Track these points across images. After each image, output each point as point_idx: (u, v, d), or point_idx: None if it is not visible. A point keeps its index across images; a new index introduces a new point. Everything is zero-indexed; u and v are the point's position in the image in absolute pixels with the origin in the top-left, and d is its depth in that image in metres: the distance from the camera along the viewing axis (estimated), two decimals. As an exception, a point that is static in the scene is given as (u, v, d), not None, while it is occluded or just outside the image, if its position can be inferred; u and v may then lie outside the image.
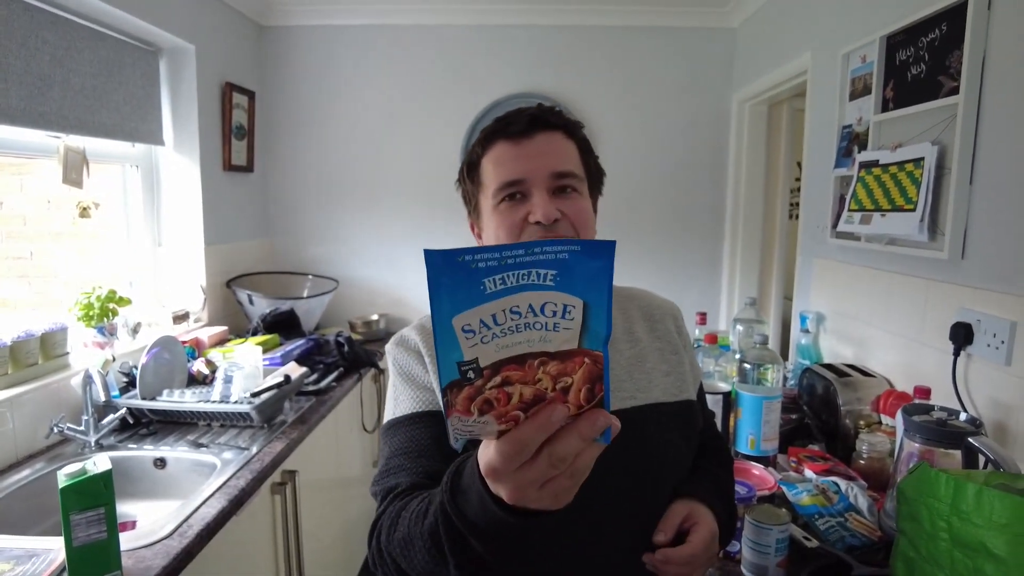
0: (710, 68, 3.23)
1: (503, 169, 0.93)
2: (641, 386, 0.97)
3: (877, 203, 1.77)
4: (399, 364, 0.98)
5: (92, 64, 2.17)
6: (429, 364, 0.95)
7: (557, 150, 0.95)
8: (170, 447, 1.86)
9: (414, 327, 1.02)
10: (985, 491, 0.73)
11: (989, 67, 1.43)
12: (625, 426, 0.92)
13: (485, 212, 0.97)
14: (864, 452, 1.53)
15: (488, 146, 0.97)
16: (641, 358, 1.01)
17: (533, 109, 0.96)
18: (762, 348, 1.55)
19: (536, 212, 0.90)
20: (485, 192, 0.96)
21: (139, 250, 2.66)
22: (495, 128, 0.96)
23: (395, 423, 0.94)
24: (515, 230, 0.92)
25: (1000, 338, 1.37)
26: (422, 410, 0.92)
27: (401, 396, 0.96)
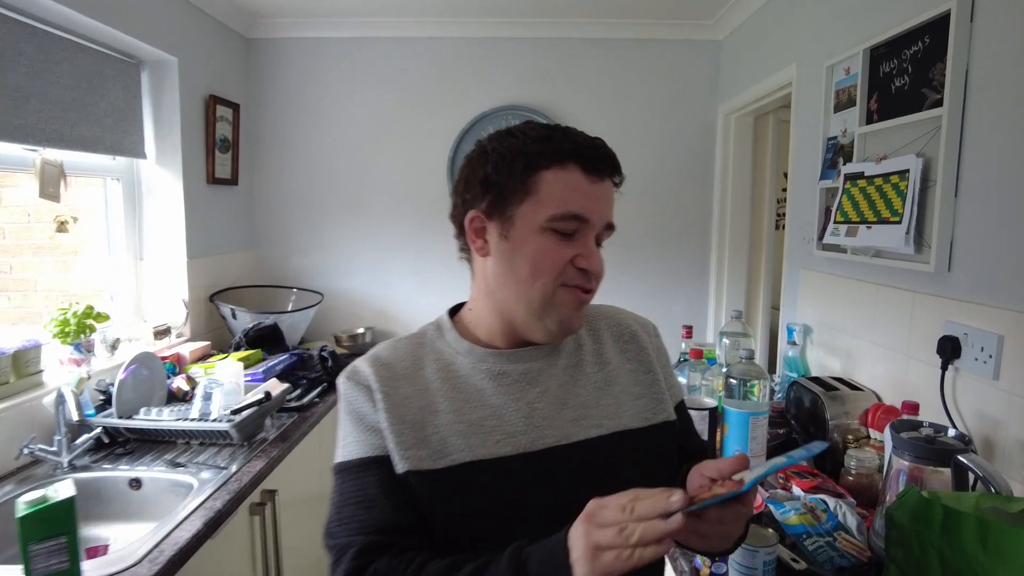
0: (696, 80, 3.23)
1: (574, 199, 0.86)
2: (609, 412, 0.93)
3: (863, 215, 1.75)
4: (348, 400, 0.92)
5: (71, 77, 2.14)
6: (380, 400, 0.89)
7: (612, 201, 0.93)
8: (146, 467, 1.81)
9: (368, 358, 0.95)
10: (979, 519, 0.70)
11: (972, 79, 1.42)
12: (591, 457, 0.90)
13: (523, 225, 0.87)
14: (852, 468, 1.51)
15: (560, 162, 0.87)
16: (610, 381, 0.97)
17: (611, 152, 0.91)
18: (748, 363, 1.53)
19: (591, 260, 0.88)
20: (536, 205, 0.86)
21: (120, 264, 2.61)
22: (576, 152, 0.87)
23: (344, 468, 0.89)
24: (558, 268, 0.87)
25: (988, 352, 1.35)
26: (370, 455, 0.88)
27: (349, 438, 0.91)
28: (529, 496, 0.86)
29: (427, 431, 0.87)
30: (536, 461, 0.87)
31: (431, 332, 0.99)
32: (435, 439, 0.87)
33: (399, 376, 0.92)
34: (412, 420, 0.88)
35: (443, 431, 0.87)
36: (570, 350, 0.98)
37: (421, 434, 0.87)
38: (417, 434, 0.87)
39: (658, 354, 1.05)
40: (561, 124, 0.94)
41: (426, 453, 0.86)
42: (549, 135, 0.89)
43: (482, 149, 0.92)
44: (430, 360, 0.94)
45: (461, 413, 0.89)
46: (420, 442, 0.86)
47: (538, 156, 0.87)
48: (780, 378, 2.17)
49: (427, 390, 0.91)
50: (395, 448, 0.86)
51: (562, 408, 0.91)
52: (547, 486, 0.87)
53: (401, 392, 0.90)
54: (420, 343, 0.97)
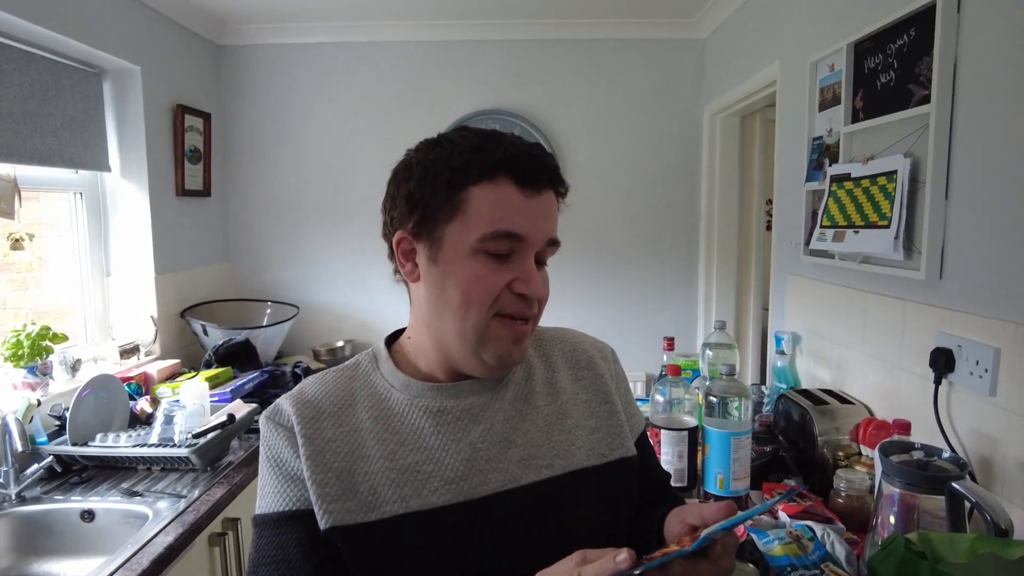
0: (680, 81, 3.14)
1: (506, 217, 0.77)
2: (561, 451, 0.84)
3: (850, 219, 1.67)
4: (267, 444, 0.82)
5: (23, 87, 2.05)
6: (302, 446, 0.79)
7: (554, 215, 0.84)
8: (100, 497, 1.72)
9: (292, 395, 0.85)
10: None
11: (961, 74, 1.33)
12: (540, 501, 0.80)
13: (453, 248, 0.78)
14: (842, 490, 1.42)
15: (491, 176, 0.77)
16: (563, 414, 0.87)
17: (550, 160, 0.82)
18: (728, 380, 1.43)
19: (529, 285, 0.78)
20: (464, 225, 0.77)
21: (86, 281, 2.52)
22: (506, 161, 0.78)
23: (263, 522, 0.80)
24: (492, 296, 0.78)
25: (984, 366, 1.26)
26: (289, 509, 0.78)
27: (267, 488, 0.81)
28: (470, 549, 0.77)
29: (356, 479, 0.77)
30: (478, 509, 0.78)
31: (365, 364, 0.89)
32: (364, 488, 0.77)
33: (324, 416, 0.81)
34: (338, 467, 0.78)
35: (373, 479, 0.77)
36: (518, 380, 0.88)
37: (349, 483, 0.77)
38: (344, 484, 0.77)
39: (617, 381, 0.96)
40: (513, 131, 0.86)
41: (354, 505, 0.76)
42: (478, 144, 0.79)
43: (407, 162, 0.83)
44: (362, 396, 0.84)
45: (394, 458, 0.79)
46: (347, 493, 0.77)
47: (465, 169, 0.77)
48: (769, 389, 2.08)
49: (356, 431, 0.81)
50: (318, 501, 0.76)
51: (508, 448, 0.82)
52: (491, 537, 0.77)
53: (326, 435, 0.80)
54: (352, 376, 0.87)
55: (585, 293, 3.22)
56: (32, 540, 1.66)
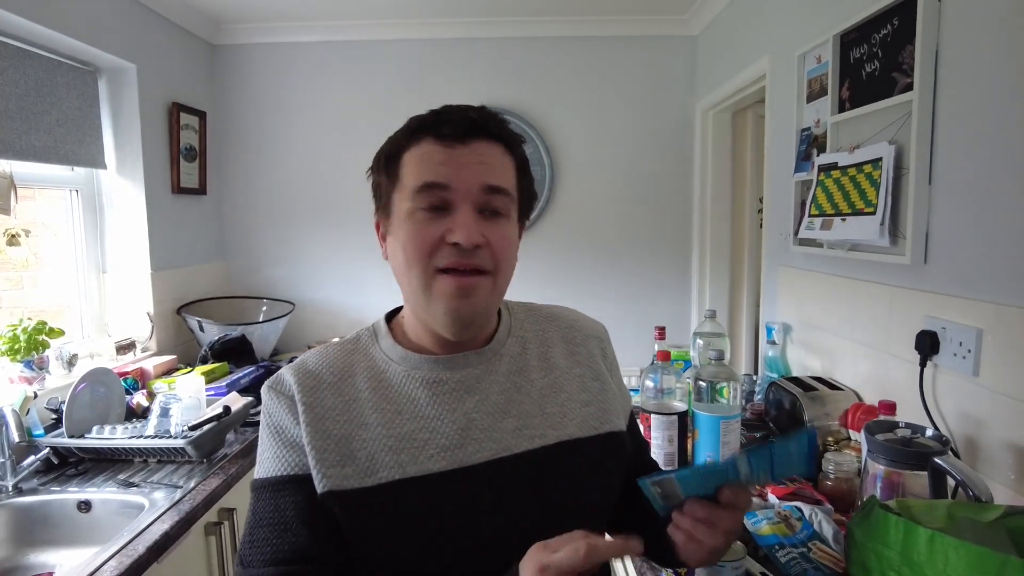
0: (672, 77, 3.17)
1: (427, 169, 0.79)
2: (553, 422, 0.87)
3: (837, 207, 1.69)
4: (268, 412, 0.85)
5: (18, 84, 2.06)
6: (302, 413, 0.81)
7: (493, 162, 0.82)
8: (97, 488, 1.73)
9: (293, 366, 0.88)
10: (938, 538, 0.63)
11: (943, 61, 1.35)
12: (532, 469, 0.83)
13: (397, 215, 0.83)
14: (831, 472, 1.43)
15: (414, 140, 0.82)
16: (556, 387, 0.90)
17: (474, 111, 0.83)
18: (717, 364, 1.45)
19: (457, 232, 0.78)
20: (401, 190, 0.82)
21: (82, 277, 2.53)
22: (427, 122, 0.82)
23: (261, 485, 0.83)
24: (426, 249, 0.79)
25: (967, 347, 1.28)
26: (288, 474, 0.81)
27: (267, 453, 0.84)
28: (464, 514, 0.79)
29: (354, 446, 0.80)
30: (471, 476, 0.80)
31: (366, 338, 0.92)
32: (362, 455, 0.79)
33: (324, 386, 0.84)
34: (337, 434, 0.80)
35: (371, 446, 0.80)
36: (513, 354, 0.91)
37: (347, 450, 0.80)
38: (342, 450, 0.80)
39: (609, 360, 0.99)
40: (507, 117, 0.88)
41: (352, 470, 0.79)
42: (418, 116, 0.84)
43: (388, 141, 0.87)
44: (361, 368, 0.87)
45: (391, 426, 0.82)
46: (345, 458, 0.79)
47: (399, 142, 0.84)
48: (761, 379, 2.10)
49: (355, 401, 0.83)
50: (316, 465, 0.79)
51: (502, 418, 0.85)
52: (483, 503, 0.80)
53: (325, 404, 0.82)
54: (352, 350, 0.90)
55: (579, 288, 3.24)
56: (29, 531, 1.67)
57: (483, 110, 0.84)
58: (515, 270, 0.88)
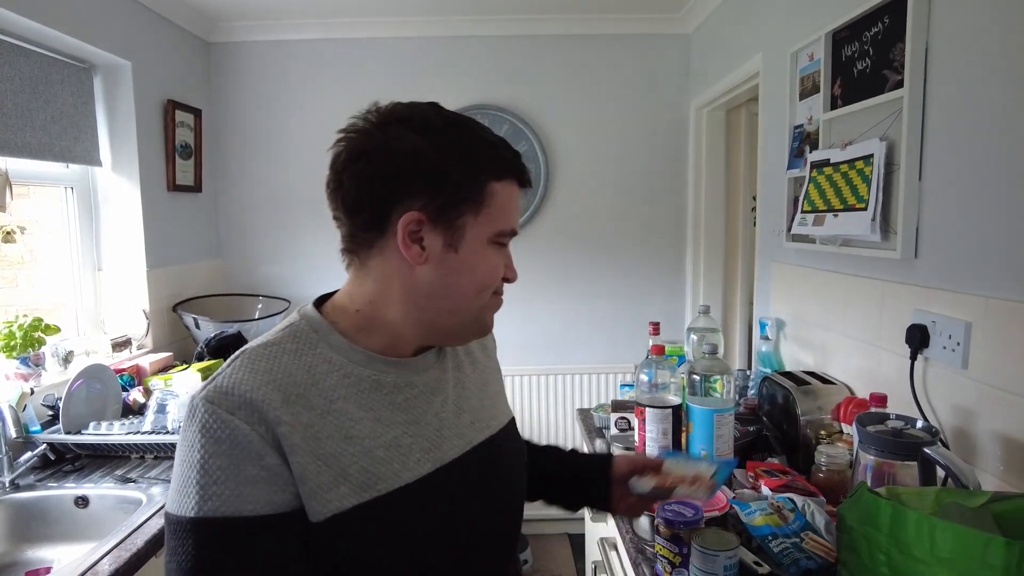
0: (666, 75, 3.19)
1: (512, 216, 0.85)
2: (491, 412, 0.96)
3: (829, 203, 1.71)
4: (219, 441, 0.70)
5: (13, 81, 2.06)
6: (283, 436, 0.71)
7: None
8: (94, 484, 1.74)
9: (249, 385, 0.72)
10: (925, 520, 0.64)
11: (932, 58, 1.37)
12: (487, 457, 0.90)
13: (471, 238, 0.80)
14: (823, 464, 1.45)
15: (503, 176, 0.81)
16: (483, 381, 0.99)
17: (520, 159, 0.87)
18: (711, 358, 1.47)
19: (513, 272, 0.89)
20: (485, 219, 0.80)
21: (78, 275, 2.53)
22: (514, 165, 0.83)
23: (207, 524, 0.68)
24: (498, 280, 0.86)
25: (956, 340, 1.30)
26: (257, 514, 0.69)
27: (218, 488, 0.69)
28: (450, 510, 0.83)
29: (344, 462, 0.74)
30: (449, 472, 0.84)
31: (306, 336, 0.80)
32: (354, 470, 0.75)
33: (293, 400, 0.74)
34: (324, 453, 0.74)
35: (362, 459, 0.76)
36: (448, 352, 0.94)
37: (338, 468, 0.74)
38: (333, 470, 0.73)
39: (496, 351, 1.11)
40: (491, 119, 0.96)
41: (347, 489, 0.74)
42: (492, 142, 0.82)
43: (432, 136, 0.79)
44: (323, 374, 0.78)
45: (375, 436, 0.78)
46: (339, 478, 0.74)
47: (490, 164, 0.80)
48: (754, 373, 2.12)
49: (329, 412, 0.76)
50: (313, 493, 0.72)
51: (460, 414, 0.90)
52: (463, 495, 0.85)
53: (303, 420, 0.73)
54: (299, 352, 0.78)
55: (574, 284, 3.26)
56: (26, 526, 1.68)
57: None
58: None
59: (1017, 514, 0.73)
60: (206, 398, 0.71)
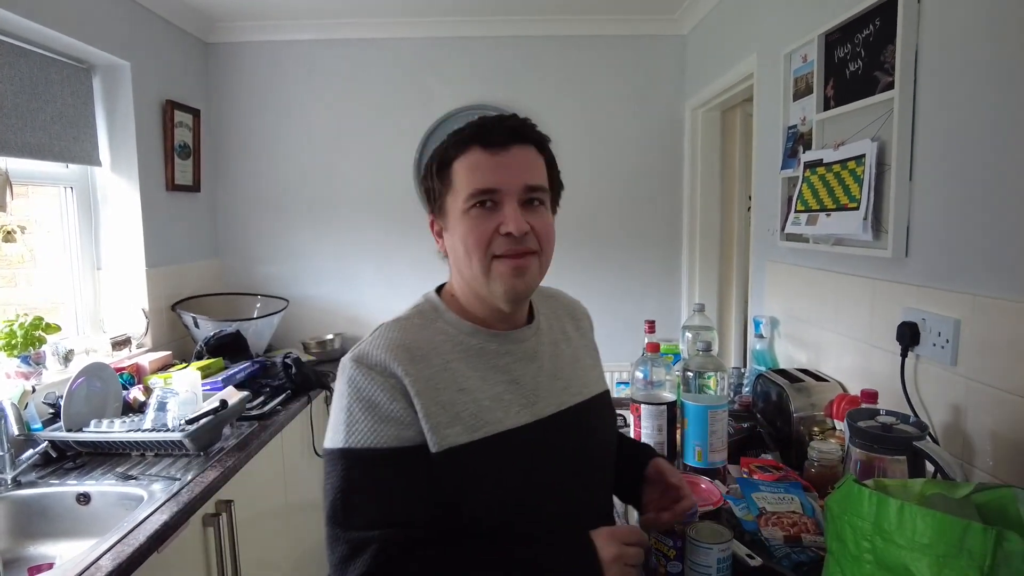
0: (662, 76, 3.21)
1: (478, 176, 0.93)
2: (584, 381, 1.08)
3: (822, 203, 1.73)
4: (358, 387, 0.91)
5: (13, 81, 2.08)
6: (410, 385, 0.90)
7: (531, 164, 0.97)
8: (96, 481, 1.75)
9: (383, 344, 0.94)
10: (907, 508, 0.67)
11: (922, 60, 1.40)
12: (578, 419, 1.08)
13: (452, 214, 0.97)
14: (815, 460, 1.47)
15: (463, 150, 0.96)
16: (576, 355, 1.11)
17: (512, 121, 0.98)
18: (705, 355, 1.49)
19: (509, 224, 0.92)
20: (455, 195, 0.96)
21: (77, 274, 2.55)
22: (473, 133, 0.96)
23: (352, 455, 0.89)
24: (484, 241, 0.93)
25: (945, 337, 1.33)
26: (384, 446, 0.88)
27: (359, 425, 0.90)
28: (544, 457, 0.97)
29: (458, 408, 0.92)
30: (544, 427, 0.98)
31: (429, 312, 1.03)
32: (466, 414, 0.92)
33: (418, 358, 0.93)
34: (442, 400, 0.92)
35: (472, 407, 0.93)
36: (546, 328, 1.10)
37: (453, 412, 0.91)
38: (449, 412, 0.91)
39: (593, 333, 1.23)
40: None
41: (460, 429, 0.91)
42: (461, 129, 0.97)
43: (435, 150, 1.02)
44: (441, 340, 0.98)
45: (483, 389, 0.95)
46: (454, 419, 0.91)
47: (448, 151, 0.97)
48: (749, 371, 2.14)
49: (446, 369, 0.94)
50: (432, 429, 0.89)
51: (554, 380, 1.04)
52: (553, 448, 0.99)
53: (425, 374, 0.92)
54: (423, 325, 1.00)
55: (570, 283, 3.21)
56: (28, 523, 1.69)
57: (518, 118, 1.00)
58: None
59: (999, 503, 0.75)
60: (352, 358, 0.93)
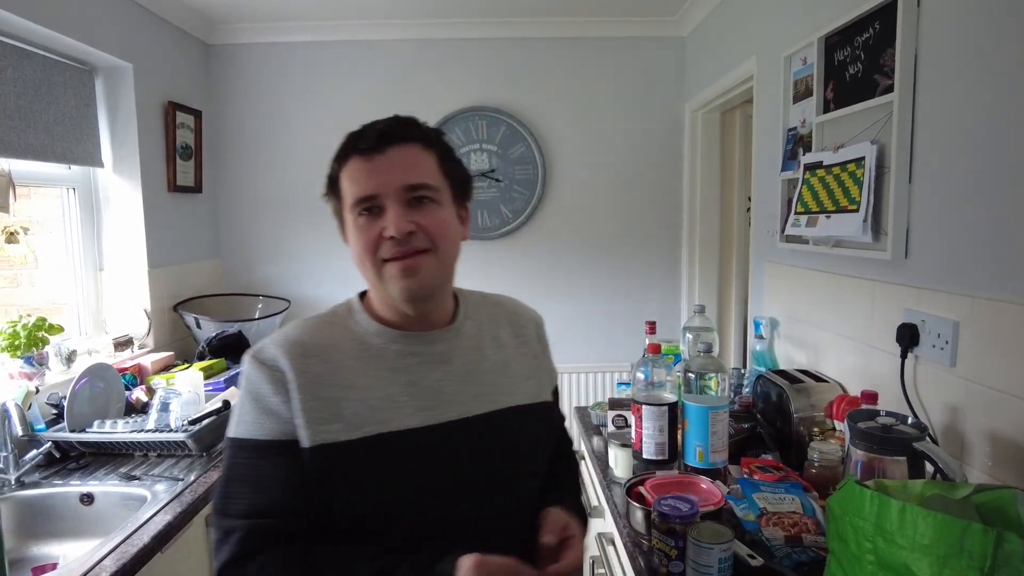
0: (662, 78, 3.22)
1: (357, 185, 0.94)
2: (505, 390, 1.03)
3: (822, 205, 1.74)
4: (250, 381, 0.93)
5: (16, 83, 2.08)
6: (292, 380, 0.91)
7: (410, 163, 0.96)
8: (99, 481, 1.76)
9: (278, 338, 0.96)
10: (908, 508, 0.68)
11: (921, 64, 1.41)
12: (487, 429, 0.97)
13: (348, 225, 0.98)
14: (815, 460, 1.48)
15: (343, 162, 0.98)
16: (506, 363, 1.07)
17: (384, 123, 0.97)
18: (706, 356, 1.50)
19: (389, 227, 0.92)
20: (345, 206, 0.98)
21: (79, 275, 2.55)
22: (348, 144, 0.98)
23: (238, 444, 0.92)
24: (371, 246, 0.94)
25: (944, 338, 1.34)
26: (265, 438, 0.90)
27: (247, 416, 0.92)
28: (435, 464, 0.93)
29: (341, 406, 0.91)
30: (440, 432, 0.94)
31: (342, 312, 1.04)
32: (349, 413, 0.91)
33: (311, 354, 0.94)
34: (327, 396, 0.91)
35: (356, 406, 0.92)
36: (472, 333, 1.06)
37: (336, 409, 0.91)
38: (331, 409, 0.91)
39: (542, 344, 1.17)
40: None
41: (340, 427, 0.90)
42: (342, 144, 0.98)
43: None
44: (343, 339, 0.98)
45: (374, 389, 0.94)
46: (334, 416, 0.91)
47: (334, 168, 0.99)
48: (749, 372, 2.15)
49: (340, 367, 0.94)
50: (307, 425, 0.89)
51: (466, 385, 1.00)
52: (450, 457, 0.94)
53: (314, 370, 0.93)
54: (332, 323, 1.01)
55: (571, 284, 3.29)
56: (32, 523, 1.70)
57: (393, 119, 0.99)
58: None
59: (998, 504, 0.76)
60: (250, 353, 0.95)
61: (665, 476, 1.43)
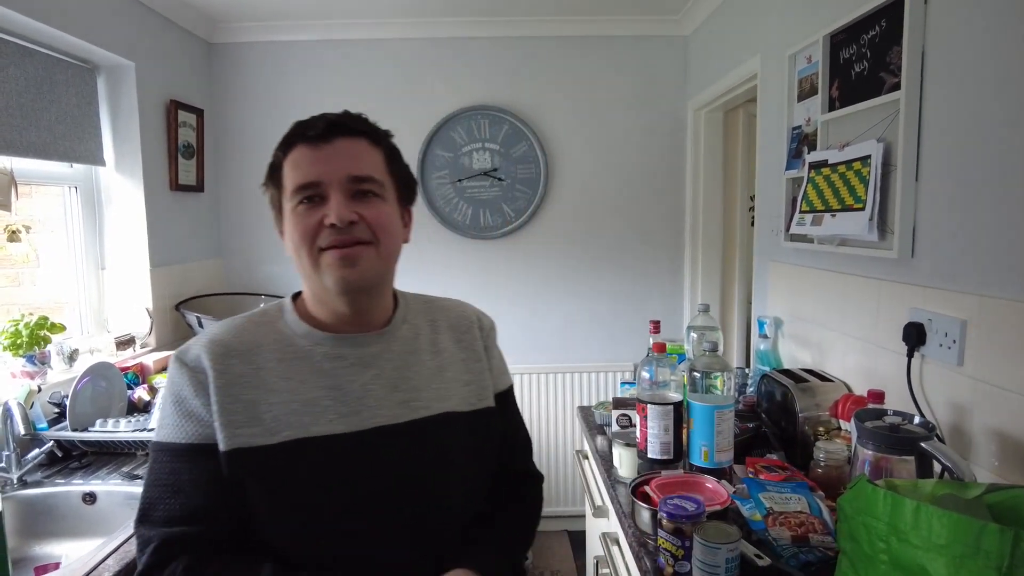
0: (664, 77, 3.21)
1: (300, 172, 0.93)
2: (439, 395, 1.00)
3: (827, 203, 1.73)
4: (172, 382, 0.92)
5: (18, 81, 2.08)
6: (212, 380, 0.89)
7: (357, 155, 0.95)
8: (101, 481, 1.75)
9: (203, 338, 0.94)
10: (923, 508, 0.67)
11: (928, 62, 1.40)
12: (417, 436, 0.94)
13: (286, 214, 0.96)
14: (821, 460, 1.48)
15: (288, 149, 0.96)
16: (443, 368, 1.04)
17: (334, 115, 0.98)
18: (711, 356, 1.49)
19: (332, 215, 0.90)
20: (285, 194, 0.96)
21: (81, 274, 2.55)
22: (295, 132, 0.97)
23: (159, 448, 0.91)
24: (310, 234, 0.91)
25: (952, 337, 1.33)
26: (184, 442, 0.89)
27: (168, 420, 0.91)
28: (357, 472, 0.91)
29: (260, 409, 0.89)
30: (364, 439, 0.92)
31: (273, 312, 1.02)
32: (268, 417, 0.89)
33: (234, 355, 0.92)
34: (246, 399, 0.90)
35: (276, 409, 0.90)
36: (407, 338, 1.03)
37: (254, 412, 0.89)
38: (250, 412, 0.89)
39: (489, 347, 1.14)
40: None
41: (259, 431, 0.88)
42: (288, 132, 0.98)
43: None
44: (269, 340, 0.96)
45: (296, 392, 0.92)
46: (252, 420, 0.89)
47: (276, 156, 0.98)
48: (753, 372, 2.14)
49: (262, 369, 0.92)
50: (224, 427, 0.88)
51: (394, 391, 0.97)
52: (374, 464, 0.92)
53: (235, 371, 0.91)
54: (260, 323, 0.99)
55: (574, 283, 3.28)
56: (34, 523, 1.70)
57: (344, 113, 0.99)
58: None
59: (1011, 504, 0.76)
60: (175, 354, 0.94)
61: (670, 476, 1.42)
